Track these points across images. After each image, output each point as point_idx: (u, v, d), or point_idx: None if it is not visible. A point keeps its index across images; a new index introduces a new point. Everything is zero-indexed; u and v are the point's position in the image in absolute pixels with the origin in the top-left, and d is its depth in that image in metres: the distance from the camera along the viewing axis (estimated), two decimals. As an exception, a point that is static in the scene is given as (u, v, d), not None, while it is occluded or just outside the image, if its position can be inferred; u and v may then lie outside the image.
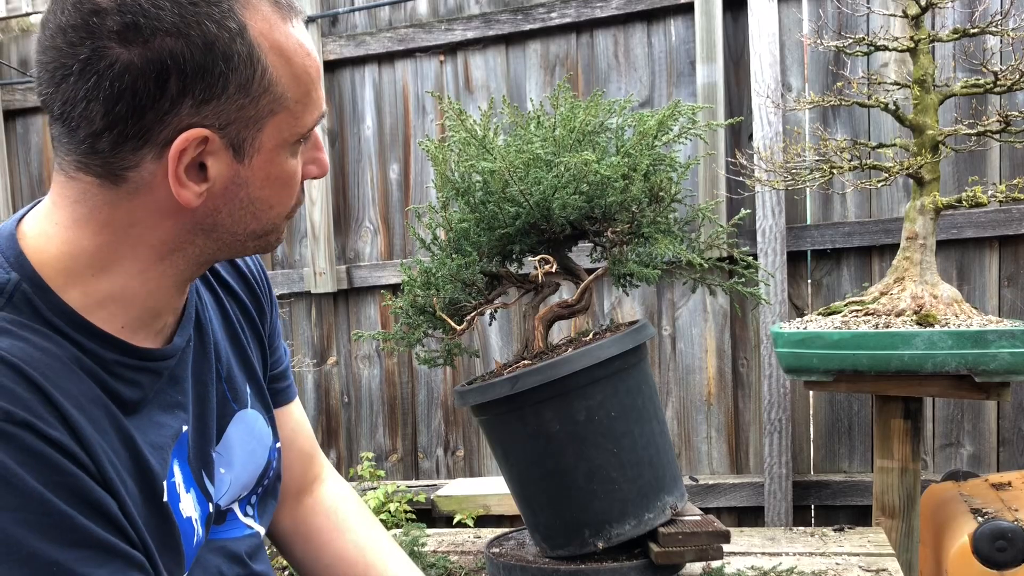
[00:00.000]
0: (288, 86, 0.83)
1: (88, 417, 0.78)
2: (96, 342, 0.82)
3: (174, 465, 0.88)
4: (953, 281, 2.62)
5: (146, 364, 0.87)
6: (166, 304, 0.89)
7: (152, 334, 0.89)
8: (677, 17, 2.90)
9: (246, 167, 0.84)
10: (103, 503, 0.76)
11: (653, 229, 1.51)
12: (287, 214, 0.91)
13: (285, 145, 0.85)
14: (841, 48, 2.08)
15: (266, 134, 0.84)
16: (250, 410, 1.05)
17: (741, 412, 2.94)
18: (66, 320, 0.81)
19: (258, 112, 0.82)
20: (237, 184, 0.84)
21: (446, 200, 1.59)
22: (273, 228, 0.90)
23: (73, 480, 0.74)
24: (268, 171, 0.85)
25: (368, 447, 3.35)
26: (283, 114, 0.83)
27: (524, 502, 1.51)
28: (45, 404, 0.74)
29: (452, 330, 1.51)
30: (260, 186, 0.85)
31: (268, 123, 0.83)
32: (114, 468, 0.79)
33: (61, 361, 0.78)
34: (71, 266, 0.82)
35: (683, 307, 2.97)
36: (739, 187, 2.43)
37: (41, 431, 0.73)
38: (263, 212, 0.87)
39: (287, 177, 0.87)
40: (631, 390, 1.42)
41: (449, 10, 3.16)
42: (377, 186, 3.30)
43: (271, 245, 0.93)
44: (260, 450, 1.06)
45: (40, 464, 0.72)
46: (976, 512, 2.03)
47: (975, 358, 1.80)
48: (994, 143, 2.35)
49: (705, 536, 1.39)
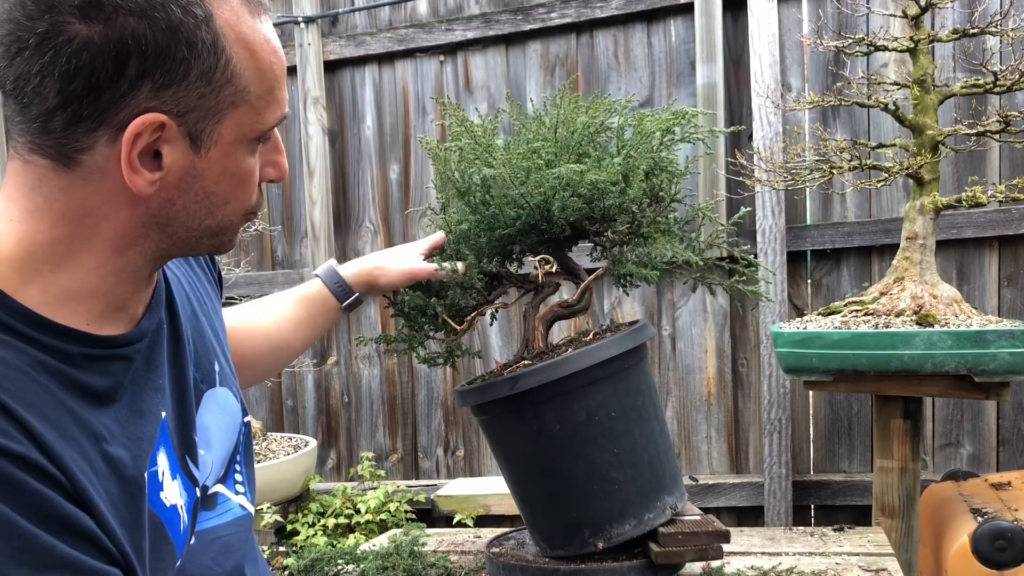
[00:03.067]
0: (252, 80, 0.82)
1: (54, 427, 0.75)
2: (59, 339, 0.79)
3: (159, 453, 0.86)
4: (953, 281, 2.62)
5: (114, 352, 0.84)
6: (131, 297, 0.88)
7: (119, 324, 0.87)
8: (677, 17, 2.90)
9: (202, 159, 0.82)
10: (73, 518, 0.73)
11: (653, 229, 1.51)
12: (244, 213, 0.90)
13: (244, 141, 0.84)
14: (841, 48, 2.08)
15: (225, 127, 0.82)
16: (219, 388, 1.03)
17: (741, 412, 2.94)
18: (24, 321, 0.77)
19: (219, 103, 0.81)
20: (192, 176, 0.83)
21: (446, 201, 1.59)
22: (228, 226, 0.89)
23: (39, 499, 0.71)
24: (224, 165, 0.84)
25: (368, 447, 3.35)
26: (244, 108, 0.83)
27: (524, 502, 1.52)
28: (8, 419, 0.71)
29: (453, 331, 1.51)
30: (216, 180, 0.84)
31: (228, 116, 0.82)
32: (87, 477, 0.76)
33: (21, 370, 0.75)
34: (28, 263, 0.80)
35: (683, 307, 2.97)
36: (739, 187, 2.43)
37: (6, 449, 0.70)
38: (218, 208, 0.86)
39: (244, 174, 0.86)
40: (631, 390, 1.42)
41: (449, 10, 3.16)
42: (377, 186, 3.30)
43: (225, 245, 0.92)
44: (233, 426, 1.05)
45: (4, 483, 0.69)
46: (976, 512, 2.03)
47: (975, 358, 1.80)
48: (994, 143, 2.35)
49: (705, 536, 1.39)
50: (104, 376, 0.83)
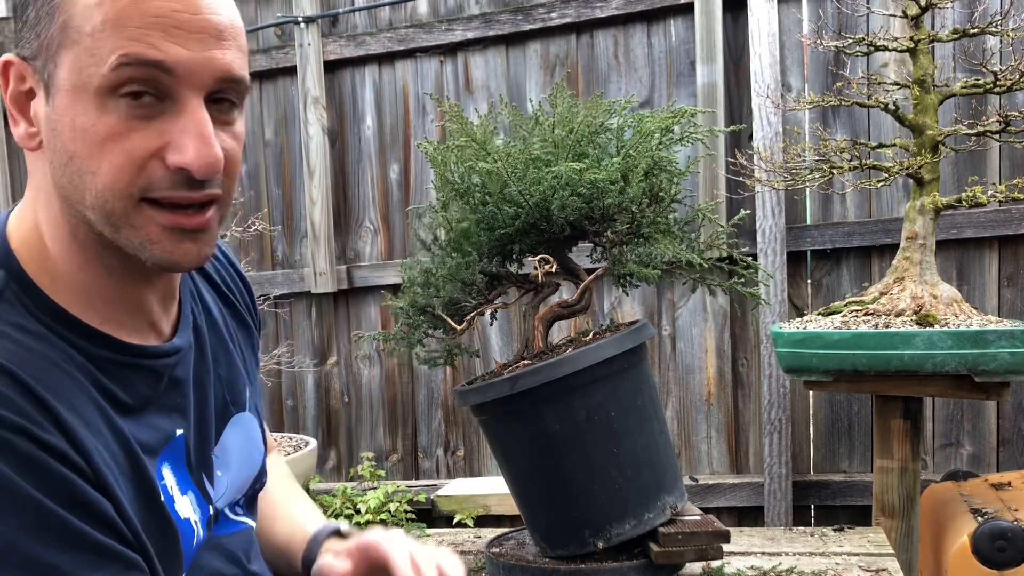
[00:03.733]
0: (82, 14, 0.73)
1: (82, 419, 0.77)
2: (85, 339, 0.80)
3: (163, 468, 0.86)
4: (953, 281, 2.62)
5: (140, 362, 0.84)
6: (132, 301, 0.85)
7: (140, 333, 0.87)
8: (677, 17, 2.90)
9: (52, 109, 0.76)
10: (99, 506, 0.75)
11: (653, 229, 1.51)
12: (127, 195, 0.76)
13: (87, 90, 0.73)
14: (841, 48, 2.08)
15: (62, 70, 0.74)
16: (247, 413, 1.03)
17: (741, 412, 2.94)
18: (55, 317, 0.79)
19: (50, 41, 0.74)
20: (53, 131, 0.76)
21: (446, 200, 1.59)
22: (112, 211, 0.76)
23: (68, 484, 0.73)
24: (74, 120, 0.74)
25: (368, 447, 3.35)
26: (76, 50, 0.73)
27: (524, 502, 1.52)
28: (39, 408, 0.73)
29: (452, 330, 1.51)
30: (71, 137, 0.75)
31: (62, 57, 0.74)
32: (110, 470, 0.78)
33: (53, 362, 0.77)
34: (44, 257, 0.81)
35: (683, 307, 2.97)
36: (739, 187, 2.43)
37: (35, 436, 0.72)
38: (87, 177, 0.75)
39: (100, 134, 0.74)
40: (631, 390, 1.42)
41: (449, 10, 3.16)
42: (377, 186, 3.30)
43: (124, 239, 0.78)
44: (256, 454, 1.05)
45: (35, 469, 0.71)
46: (976, 512, 2.03)
47: (975, 358, 1.80)
48: (994, 143, 2.35)
49: (705, 536, 1.39)
50: (128, 388, 0.83)
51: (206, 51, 0.76)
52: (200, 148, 0.76)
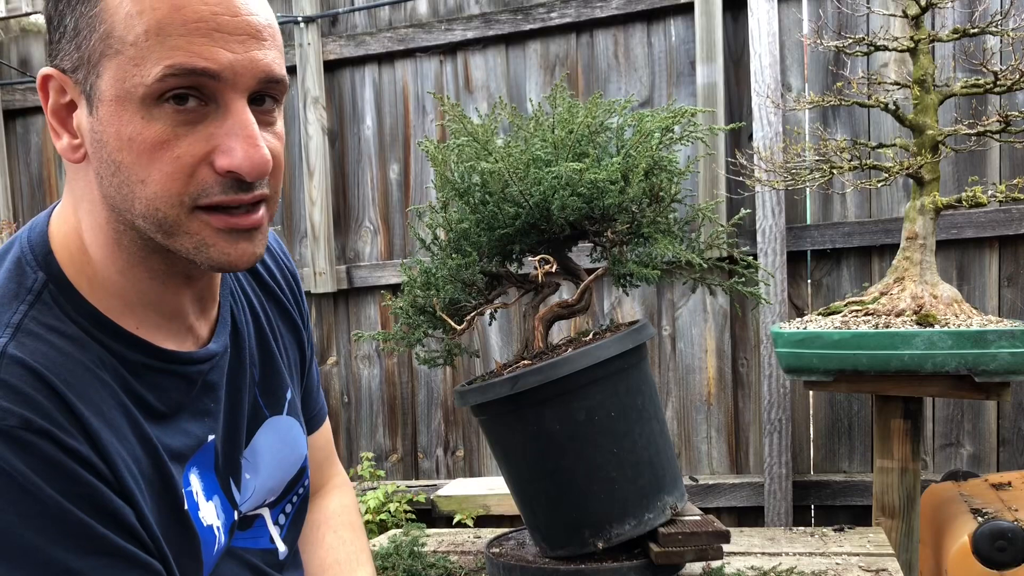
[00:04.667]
0: (122, 24, 0.72)
1: (109, 424, 0.77)
2: (120, 343, 0.80)
3: (191, 474, 0.86)
4: (953, 281, 2.62)
5: (174, 368, 0.84)
6: (170, 305, 0.85)
7: (177, 338, 0.86)
8: (677, 17, 2.90)
9: (96, 120, 0.75)
10: (120, 512, 0.75)
11: (653, 229, 1.51)
12: (179, 203, 0.76)
13: (131, 99, 0.73)
14: (841, 48, 2.08)
15: (104, 81, 0.73)
16: (285, 417, 1.02)
17: (741, 412, 2.94)
18: (91, 321, 0.79)
19: (91, 51, 0.73)
20: (98, 142, 0.75)
21: (446, 200, 1.59)
22: (168, 220, 0.76)
23: (90, 489, 0.73)
24: (119, 130, 0.74)
25: (368, 447, 3.35)
26: (119, 59, 0.73)
27: (524, 502, 1.51)
28: (65, 412, 0.73)
29: (452, 330, 1.51)
30: (117, 147, 0.74)
31: (104, 68, 0.73)
32: (132, 477, 0.78)
33: (84, 366, 0.77)
34: (84, 261, 0.81)
35: (683, 307, 2.96)
36: (739, 187, 2.43)
37: (59, 440, 0.72)
38: (136, 186, 0.75)
39: (148, 143, 0.73)
40: (631, 390, 1.42)
41: (449, 10, 3.16)
42: (377, 186, 3.30)
43: (182, 247, 0.77)
44: (293, 457, 1.03)
45: (57, 473, 0.71)
46: (976, 512, 2.03)
47: (975, 358, 1.80)
48: (994, 143, 2.35)
49: (705, 536, 1.39)
50: (160, 393, 0.83)
51: (248, 52, 0.75)
52: (248, 150, 0.76)
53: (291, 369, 1.06)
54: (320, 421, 1.19)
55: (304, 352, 1.10)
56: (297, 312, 1.08)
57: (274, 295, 1.04)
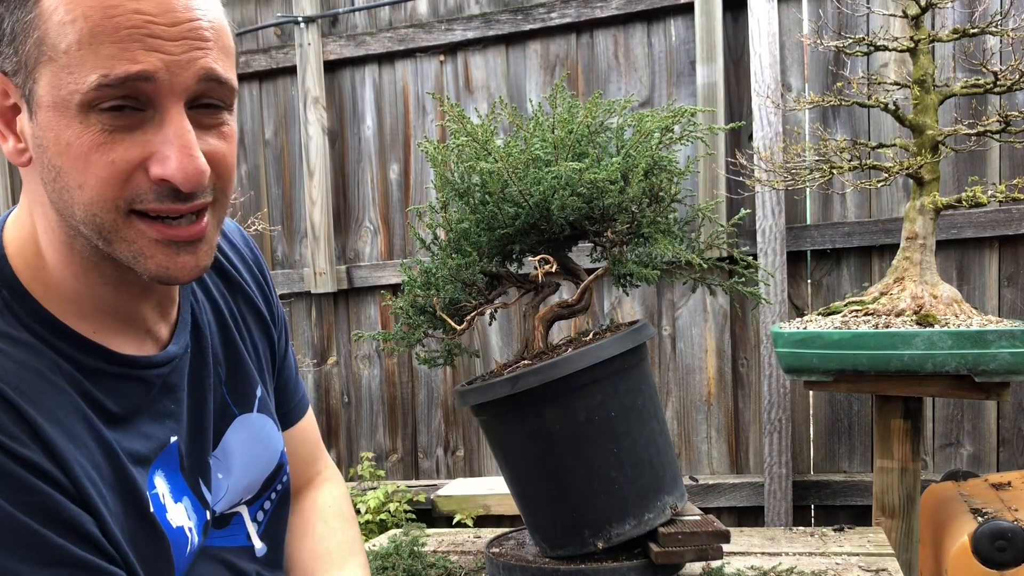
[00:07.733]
0: (56, 31, 0.71)
1: (66, 431, 0.75)
2: (77, 348, 0.79)
3: (156, 477, 0.85)
4: (953, 281, 2.62)
5: (131, 372, 0.83)
6: (127, 310, 0.84)
7: (135, 341, 0.85)
8: (677, 17, 2.90)
9: (36, 125, 0.74)
10: (77, 521, 0.74)
11: (653, 229, 1.51)
12: (114, 207, 0.75)
13: (67, 106, 0.72)
14: (841, 48, 2.08)
15: (41, 87, 0.73)
16: (256, 414, 1.01)
17: (741, 412, 2.94)
18: (46, 327, 0.78)
19: (27, 57, 0.72)
20: (40, 147, 0.74)
21: (446, 200, 1.59)
22: (102, 223, 0.75)
23: (44, 499, 0.72)
24: (58, 135, 0.73)
25: (368, 447, 3.35)
26: (53, 66, 0.71)
27: (524, 502, 1.51)
28: (18, 422, 0.72)
29: (452, 330, 1.51)
30: (56, 152, 0.73)
31: (40, 73, 0.72)
32: (92, 483, 0.76)
33: (39, 373, 0.75)
34: (39, 266, 0.80)
35: (683, 307, 2.97)
36: (739, 187, 2.43)
37: (12, 451, 0.71)
38: (75, 192, 0.74)
39: (82, 149, 0.73)
40: (631, 390, 1.42)
41: (449, 10, 3.16)
42: (377, 186, 3.30)
43: (122, 255, 0.77)
44: (267, 455, 1.02)
45: (10, 484, 0.70)
46: (976, 512, 2.03)
47: (975, 358, 1.80)
48: (994, 143, 2.35)
49: (705, 536, 1.39)
50: (117, 397, 0.82)
51: (186, 53, 0.74)
52: (183, 160, 0.74)
53: (261, 365, 1.04)
54: (301, 412, 1.17)
55: (274, 345, 1.08)
56: (265, 304, 1.06)
57: (241, 290, 1.03)
